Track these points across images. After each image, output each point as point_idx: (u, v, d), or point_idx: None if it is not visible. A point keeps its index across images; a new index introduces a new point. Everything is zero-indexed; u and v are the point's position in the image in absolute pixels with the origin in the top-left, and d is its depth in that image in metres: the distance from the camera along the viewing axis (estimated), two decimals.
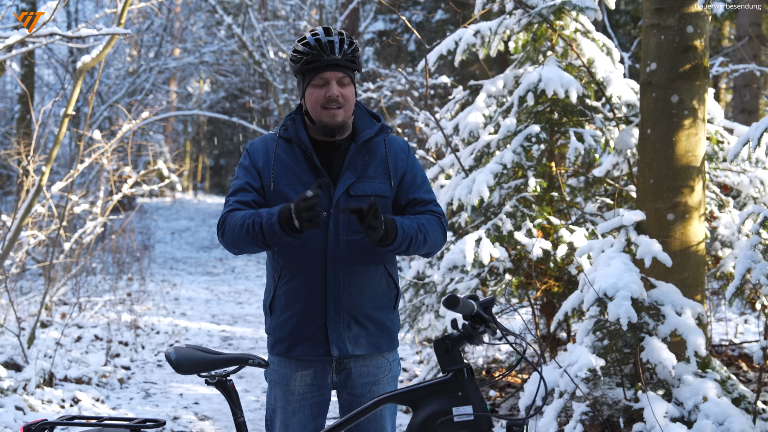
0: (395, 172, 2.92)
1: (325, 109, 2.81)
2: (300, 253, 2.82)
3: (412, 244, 2.77)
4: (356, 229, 2.83)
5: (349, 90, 2.83)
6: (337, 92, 2.80)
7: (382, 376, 2.92)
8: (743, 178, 5.79)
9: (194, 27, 21.52)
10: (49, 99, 17.56)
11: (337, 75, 2.80)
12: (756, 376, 6.15)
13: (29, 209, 6.43)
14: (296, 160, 2.87)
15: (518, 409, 5.26)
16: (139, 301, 10.82)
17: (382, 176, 2.90)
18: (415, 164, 2.99)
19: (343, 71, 2.81)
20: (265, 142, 2.94)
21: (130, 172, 9.50)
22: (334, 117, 2.82)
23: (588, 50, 5.75)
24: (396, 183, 2.92)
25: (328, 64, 2.78)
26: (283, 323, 2.87)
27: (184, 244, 20.88)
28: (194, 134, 30.61)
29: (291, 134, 2.89)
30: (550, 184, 5.84)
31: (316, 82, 2.81)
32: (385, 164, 2.91)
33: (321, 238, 2.81)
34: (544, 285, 5.69)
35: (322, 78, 2.80)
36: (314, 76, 2.81)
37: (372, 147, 2.91)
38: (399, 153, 2.96)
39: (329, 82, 2.80)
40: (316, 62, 2.78)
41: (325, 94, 2.80)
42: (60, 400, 5.98)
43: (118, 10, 6.22)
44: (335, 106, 2.81)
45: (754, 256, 4.48)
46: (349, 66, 2.81)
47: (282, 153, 2.89)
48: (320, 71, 2.79)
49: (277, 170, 2.86)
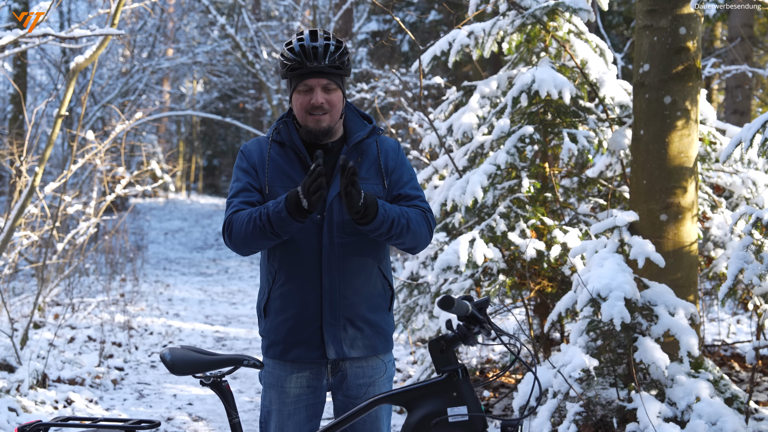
0: (386, 172, 2.93)
1: (310, 114, 2.82)
2: (295, 255, 2.83)
3: (394, 226, 2.74)
4: (350, 231, 2.84)
5: (335, 95, 2.83)
6: (322, 99, 2.80)
7: (377, 378, 2.92)
8: (735, 178, 5.81)
9: (187, 27, 21.49)
10: (42, 99, 17.53)
11: (322, 82, 2.80)
12: (748, 376, 6.18)
13: (22, 210, 6.41)
14: (290, 162, 2.88)
15: (512, 409, 5.28)
16: (132, 301, 10.80)
17: (374, 177, 2.90)
18: (404, 163, 2.99)
19: (327, 77, 2.79)
20: (259, 145, 2.95)
21: (124, 173, 9.48)
22: (319, 122, 2.82)
23: (581, 51, 5.77)
24: (388, 183, 2.93)
25: (312, 71, 2.77)
26: (278, 326, 2.87)
27: (177, 245, 20.84)
28: (187, 134, 30.56)
29: (284, 137, 2.90)
30: (544, 184, 5.86)
31: (300, 89, 2.81)
32: (377, 164, 2.92)
33: (315, 241, 2.82)
34: (537, 285, 5.71)
35: (306, 85, 2.80)
36: (299, 83, 2.81)
37: (363, 148, 2.92)
38: (390, 152, 2.97)
39: (313, 89, 2.80)
40: (300, 69, 2.77)
41: (309, 100, 2.80)
42: (53, 401, 5.97)
43: (111, 10, 6.21)
44: (320, 113, 2.81)
45: (747, 256, 4.50)
46: (334, 72, 2.80)
47: (275, 156, 2.90)
48: (304, 78, 2.79)
49: (272, 173, 2.87)
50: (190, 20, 21.80)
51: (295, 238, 2.81)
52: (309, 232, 2.81)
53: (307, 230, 2.82)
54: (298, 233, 2.81)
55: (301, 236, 2.81)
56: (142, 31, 18.34)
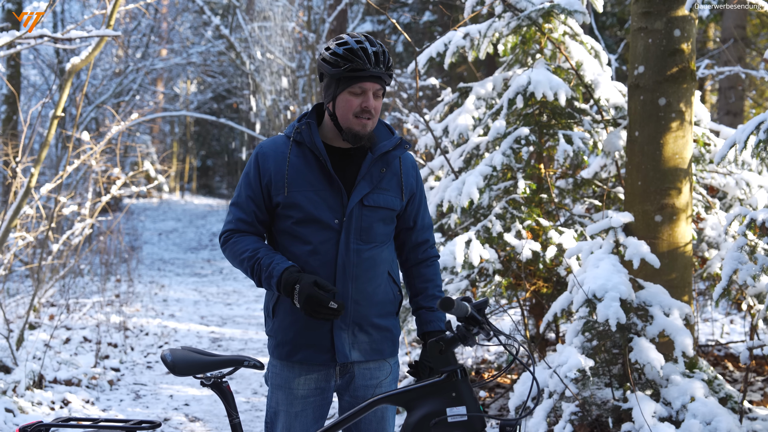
0: (407, 189, 2.95)
1: (357, 117, 2.80)
2: (310, 259, 2.81)
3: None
4: (367, 239, 2.85)
5: (380, 102, 2.85)
6: (374, 104, 2.81)
7: (383, 379, 2.94)
8: (729, 179, 5.85)
9: (181, 28, 21.45)
10: (36, 100, 17.48)
11: (376, 86, 2.80)
12: (742, 375, 6.21)
13: (18, 211, 6.41)
14: (309, 165, 2.84)
15: (508, 409, 5.30)
16: (127, 302, 10.79)
17: (394, 189, 2.91)
18: (422, 184, 3.06)
19: (380, 83, 2.81)
20: (276, 147, 2.89)
21: (119, 174, 9.47)
22: (365, 126, 2.81)
23: (576, 53, 5.80)
24: (406, 199, 2.96)
25: (372, 75, 2.77)
26: (287, 327, 2.86)
27: (172, 245, 20.82)
28: (181, 135, 30.51)
29: (305, 138, 2.86)
30: (539, 185, 5.88)
31: (354, 90, 2.79)
32: (398, 179, 2.93)
33: (332, 246, 2.81)
34: (533, 286, 5.73)
35: (361, 87, 2.78)
36: (353, 84, 2.78)
37: (389, 160, 2.92)
38: (410, 170, 2.99)
39: (367, 92, 2.79)
40: (362, 71, 2.76)
41: (361, 103, 2.79)
42: (50, 402, 5.97)
43: (107, 11, 6.21)
44: (367, 117, 2.81)
45: (741, 257, 4.53)
46: (386, 80, 2.83)
47: (295, 158, 2.85)
48: (361, 80, 2.77)
49: (291, 177, 2.83)
50: (184, 21, 21.78)
51: (312, 241, 2.80)
52: (326, 236, 2.80)
53: (325, 234, 2.81)
54: (314, 236, 2.81)
55: (318, 240, 2.80)
56: (136, 31, 18.30)
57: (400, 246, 3.05)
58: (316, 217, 2.80)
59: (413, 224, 3.01)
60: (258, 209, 2.88)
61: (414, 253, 3.04)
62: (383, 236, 2.90)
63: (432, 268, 3.05)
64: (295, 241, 2.83)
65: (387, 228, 2.92)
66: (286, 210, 2.84)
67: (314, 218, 2.81)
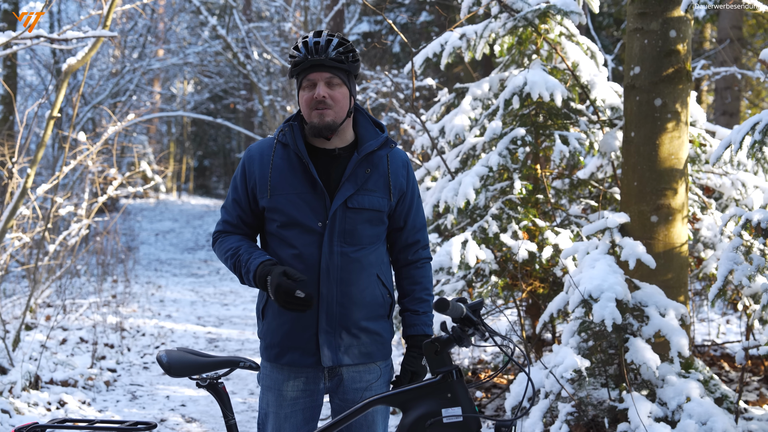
0: (395, 188, 2.91)
1: (314, 110, 2.80)
2: (294, 262, 2.81)
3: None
4: (352, 241, 2.83)
5: (339, 91, 2.81)
6: (324, 93, 2.78)
7: (373, 382, 2.91)
8: (725, 180, 5.86)
9: (178, 28, 21.43)
10: (32, 100, 17.45)
11: (324, 75, 2.79)
12: (738, 376, 6.23)
13: (14, 211, 6.40)
14: (292, 168, 2.84)
15: (504, 409, 5.31)
16: (124, 303, 10.78)
17: (381, 190, 2.88)
18: (414, 184, 3.01)
19: (330, 71, 2.79)
20: (262, 150, 2.90)
21: (115, 174, 9.46)
22: (322, 117, 2.79)
23: (572, 54, 5.81)
24: (395, 199, 2.92)
25: (313, 65, 2.78)
26: (275, 329, 2.87)
27: (169, 246, 20.80)
28: (178, 135, 30.49)
29: (288, 140, 2.86)
30: (536, 186, 5.89)
31: (304, 85, 2.82)
32: (386, 178, 2.89)
33: (315, 249, 2.80)
34: (529, 286, 5.74)
35: (309, 80, 2.80)
36: (301, 79, 2.82)
37: (375, 160, 2.88)
38: (400, 169, 2.94)
39: (316, 84, 2.80)
40: (302, 64, 2.79)
41: (312, 95, 2.80)
42: (46, 402, 5.96)
43: (104, 11, 6.20)
44: (322, 107, 2.79)
45: (736, 257, 4.54)
46: (336, 66, 2.79)
47: (279, 160, 2.86)
48: (307, 73, 2.80)
49: (275, 179, 2.83)
50: (180, 21, 21.76)
51: (296, 244, 2.80)
52: (310, 239, 2.80)
53: (308, 237, 2.81)
54: (298, 239, 2.81)
55: (302, 243, 2.80)
56: (133, 31, 18.29)
57: (390, 246, 3.02)
58: (298, 221, 2.81)
59: (404, 224, 2.97)
60: (243, 212, 2.90)
61: (404, 254, 3.00)
62: (370, 238, 2.87)
63: (422, 270, 3.02)
64: (282, 244, 2.84)
65: (375, 229, 2.89)
66: (270, 213, 2.85)
67: (297, 222, 2.81)
